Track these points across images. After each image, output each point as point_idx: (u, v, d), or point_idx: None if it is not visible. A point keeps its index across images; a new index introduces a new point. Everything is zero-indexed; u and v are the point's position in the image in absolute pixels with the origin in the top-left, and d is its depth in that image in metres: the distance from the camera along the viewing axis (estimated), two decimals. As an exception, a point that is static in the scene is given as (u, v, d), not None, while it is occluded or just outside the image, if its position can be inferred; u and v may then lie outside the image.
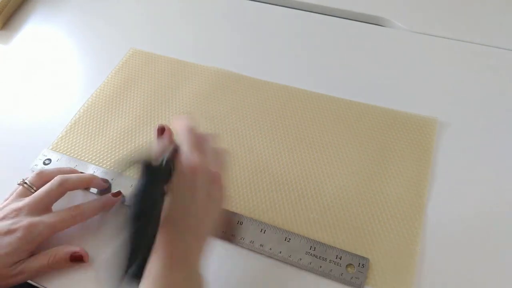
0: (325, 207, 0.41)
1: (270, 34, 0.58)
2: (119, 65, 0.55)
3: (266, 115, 0.49)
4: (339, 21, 0.60)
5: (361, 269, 0.37)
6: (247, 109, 0.49)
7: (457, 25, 0.57)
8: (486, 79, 0.51)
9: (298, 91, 0.51)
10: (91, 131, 0.48)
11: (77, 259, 0.38)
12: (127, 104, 0.51)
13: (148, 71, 0.54)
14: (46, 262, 0.37)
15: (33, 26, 0.62)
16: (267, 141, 0.47)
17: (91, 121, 0.49)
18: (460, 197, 0.42)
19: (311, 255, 0.38)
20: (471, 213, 0.41)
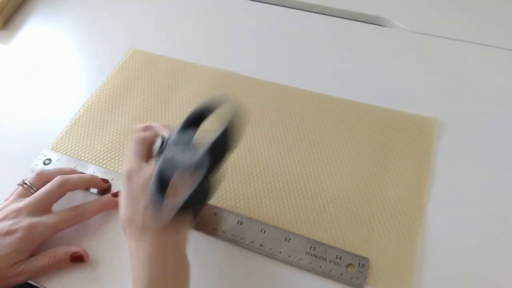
0: (325, 207, 0.41)
1: (270, 34, 0.58)
2: (119, 65, 0.55)
3: (266, 115, 0.49)
4: (339, 21, 0.60)
5: (361, 269, 0.37)
6: (247, 108, 0.49)
7: (457, 25, 0.57)
8: (486, 79, 0.51)
9: (298, 91, 0.51)
10: (91, 131, 0.48)
11: (77, 259, 0.38)
12: (127, 104, 0.51)
13: (148, 71, 0.54)
14: (47, 262, 0.37)
15: (33, 26, 0.62)
16: (267, 141, 0.47)
17: (91, 121, 0.49)
18: (460, 197, 0.42)
19: (311, 255, 0.38)
20: (471, 213, 0.41)
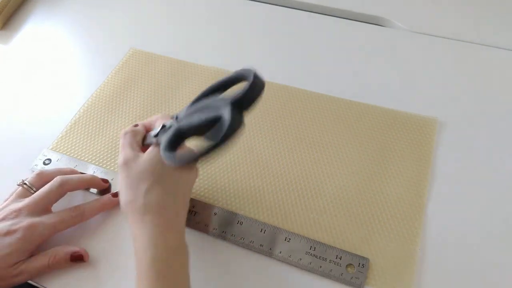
0: (325, 207, 0.41)
1: (270, 34, 0.58)
2: (119, 65, 0.55)
3: (266, 115, 0.49)
4: (339, 21, 0.59)
5: (361, 269, 0.37)
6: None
7: (457, 25, 0.57)
8: (486, 79, 0.51)
9: (298, 91, 0.51)
10: (91, 131, 0.48)
11: (77, 259, 0.38)
12: (127, 104, 0.51)
13: (148, 71, 0.54)
14: (47, 262, 0.37)
15: (33, 26, 0.62)
16: (267, 141, 0.47)
17: (91, 121, 0.49)
18: (460, 197, 0.42)
19: (311, 255, 0.38)
20: (471, 213, 0.41)
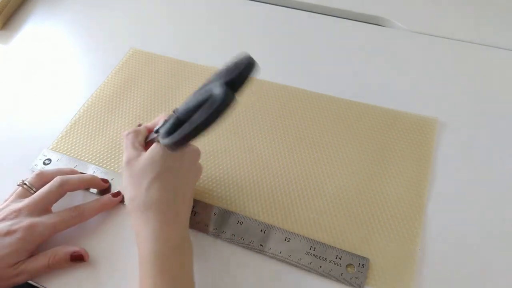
0: (325, 207, 0.41)
1: (270, 34, 0.58)
2: (119, 65, 0.55)
3: (266, 115, 0.49)
4: (339, 21, 0.59)
5: (361, 269, 0.37)
6: (247, 109, 0.49)
7: (457, 25, 0.57)
8: (487, 79, 0.51)
9: (298, 91, 0.51)
10: (91, 131, 0.48)
11: (77, 259, 0.38)
12: (127, 104, 0.51)
13: (148, 71, 0.54)
14: (47, 262, 0.37)
15: (33, 26, 0.62)
16: (267, 141, 0.47)
17: (91, 121, 0.49)
18: (460, 197, 0.42)
19: (311, 255, 0.38)
20: (471, 213, 0.41)
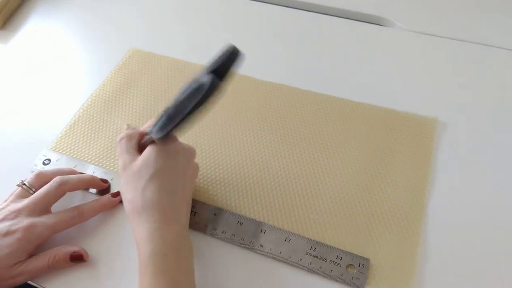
0: (325, 207, 0.41)
1: (270, 34, 0.58)
2: (118, 65, 0.55)
3: (266, 115, 0.49)
4: (339, 20, 0.59)
5: (362, 269, 0.37)
6: (247, 108, 0.49)
7: (458, 25, 0.57)
8: (487, 79, 0.51)
9: (298, 91, 0.51)
10: (91, 131, 0.48)
11: (77, 259, 0.38)
12: (127, 104, 0.51)
13: (148, 71, 0.54)
14: (46, 263, 0.36)
15: (32, 26, 0.62)
16: (267, 141, 0.46)
17: (91, 121, 0.49)
18: (461, 197, 0.42)
19: (311, 255, 0.38)
20: (471, 213, 0.40)
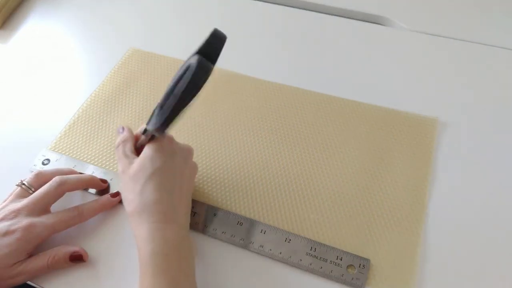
0: (325, 208, 0.41)
1: (270, 33, 0.58)
2: (118, 65, 0.55)
3: (266, 115, 0.49)
4: (339, 20, 0.59)
5: (362, 270, 0.37)
6: (247, 108, 0.49)
7: (459, 24, 0.57)
8: (487, 79, 0.51)
9: (298, 90, 0.51)
10: (90, 131, 0.48)
11: (76, 259, 0.37)
12: (126, 104, 0.51)
13: (148, 71, 0.54)
14: (46, 263, 0.36)
15: (32, 26, 0.62)
16: (267, 141, 0.46)
17: (90, 121, 0.49)
18: (461, 197, 0.41)
19: (311, 256, 0.38)
20: (471, 213, 0.40)
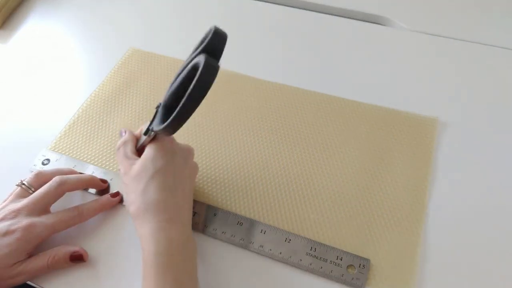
0: (325, 207, 0.41)
1: (270, 33, 0.58)
2: (118, 65, 0.55)
3: (266, 115, 0.49)
4: (339, 20, 0.59)
5: (362, 270, 0.37)
6: (247, 108, 0.49)
7: (459, 24, 0.57)
8: (487, 79, 0.51)
9: (298, 90, 0.51)
10: (90, 131, 0.48)
11: (77, 259, 0.37)
12: (126, 103, 0.51)
13: (147, 71, 0.54)
14: (46, 263, 0.36)
15: (32, 25, 0.62)
16: (267, 141, 0.46)
17: (90, 121, 0.49)
18: (461, 197, 0.41)
19: (311, 256, 0.38)
20: (471, 213, 0.40)
